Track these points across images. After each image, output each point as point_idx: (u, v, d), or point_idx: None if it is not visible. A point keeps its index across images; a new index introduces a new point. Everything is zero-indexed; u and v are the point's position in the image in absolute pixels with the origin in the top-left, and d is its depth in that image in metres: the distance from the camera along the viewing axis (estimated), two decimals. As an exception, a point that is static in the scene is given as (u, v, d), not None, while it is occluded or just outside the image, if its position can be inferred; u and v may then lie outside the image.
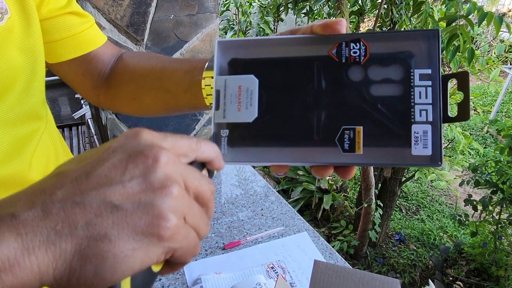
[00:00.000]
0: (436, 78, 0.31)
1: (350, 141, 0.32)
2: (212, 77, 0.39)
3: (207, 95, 0.42)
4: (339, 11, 1.61)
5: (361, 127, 0.32)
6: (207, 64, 0.42)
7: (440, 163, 0.30)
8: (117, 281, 0.20)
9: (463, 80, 0.31)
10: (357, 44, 0.32)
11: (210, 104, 0.39)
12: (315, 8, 2.04)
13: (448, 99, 0.31)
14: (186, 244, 0.22)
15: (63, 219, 0.19)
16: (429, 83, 0.31)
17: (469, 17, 1.38)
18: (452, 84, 2.21)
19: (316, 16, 2.13)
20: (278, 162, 0.33)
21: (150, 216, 0.20)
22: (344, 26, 0.33)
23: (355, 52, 0.32)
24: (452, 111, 0.29)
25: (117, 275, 0.19)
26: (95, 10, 0.85)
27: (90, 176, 0.21)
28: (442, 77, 0.31)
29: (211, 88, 0.40)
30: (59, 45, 0.49)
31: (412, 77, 0.32)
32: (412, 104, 0.31)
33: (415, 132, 0.31)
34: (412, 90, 0.31)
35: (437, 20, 1.83)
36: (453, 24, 1.36)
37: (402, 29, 2.11)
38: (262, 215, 1.05)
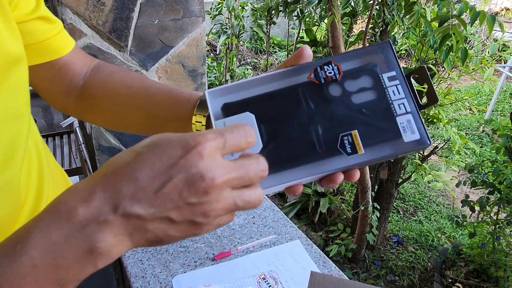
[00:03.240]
0: (400, 77, 0.37)
1: (351, 145, 0.36)
2: (204, 115, 0.44)
3: (197, 130, 0.45)
4: (330, 13, 1.59)
5: (356, 130, 0.36)
6: (198, 101, 0.45)
7: (429, 142, 0.36)
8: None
9: (422, 74, 0.38)
10: (330, 65, 0.38)
11: None
12: (306, 10, 2.02)
13: (415, 91, 0.37)
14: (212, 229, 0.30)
15: (140, 225, 0.27)
16: (397, 81, 0.37)
17: (462, 16, 1.37)
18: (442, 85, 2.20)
19: (307, 19, 2.12)
20: (293, 182, 0.36)
21: (193, 229, 0.29)
22: (309, 49, 0.38)
23: (330, 72, 0.37)
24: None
25: (165, 243, 0.30)
26: (75, 16, 0.82)
27: (157, 195, 0.27)
28: (405, 75, 0.38)
29: (202, 125, 0.45)
30: (26, 51, 0.46)
31: (382, 80, 0.38)
32: (390, 101, 0.37)
33: (400, 123, 0.36)
34: (386, 90, 0.37)
35: (429, 20, 1.82)
36: (446, 24, 1.35)
37: (395, 30, 2.10)
38: (253, 223, 1.02)
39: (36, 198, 0.48)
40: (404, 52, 5.87)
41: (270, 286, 0.82)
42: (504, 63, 4.65)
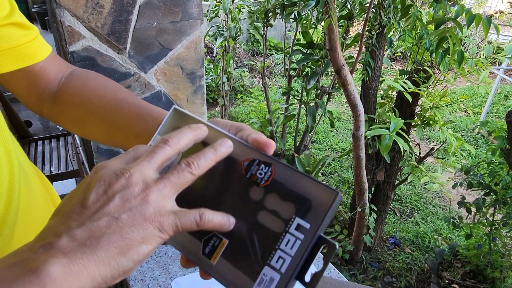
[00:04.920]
0: (310, 235, 0.30)
1: (212, 248, 0.33)
2: None
3: None
4: (327, 15, 1.60)
5: (227, 241, 0.33)
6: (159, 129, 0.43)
7: None
8: (143, 260, 0.29)
9: (330, 249, 0.31)
10: (266, 167, 0.34)
11: None
12: (303, 13, 2.03)
13: (310, 263, 0.31)
14: (172, 219, 0.30)
15: (87, 238, 0.27)
16: (301, 236, 0.31)
17: (458, 19, 1.38)
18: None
19: (304, 21, 2.12)
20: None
21: (139, 217, 0.28)
22: (273, 149, 0.35)
23: (260, 174, 0.34)
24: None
25: (141, 256, 0.28)
26: (74, 19, 0.82)
27: (86, 206, 0.28)
28: (317, 239, 0.31)
29: None
30: None
31: (290, 222, 0.31)
32: (276, 248, 0.31)
33: (264, 274, 0.31)
34: (283, 234, 0.31)
35: (425, 23, 1.83)
36: (442, 26, 1.36)
37: (391, 33, 2.11)
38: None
39: (5, 209, 0.45)
40: (400, 54, 5.92)
41: None
42: (499, 65, 4.69)
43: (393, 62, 6.09)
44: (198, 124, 0.35)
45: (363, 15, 2.18)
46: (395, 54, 5.85)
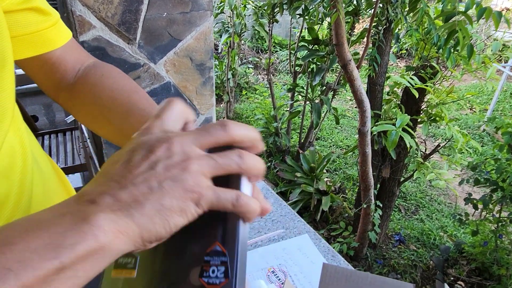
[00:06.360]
0: None
1: (122, 263, 0.32)
2: None
3: None
4: (335, 9, 1.59)
5: (135, 275, 0.31)
6: None
7: None
8: (173, 230, 0.28)
9: None
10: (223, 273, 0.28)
11: None
12: (311, 7, 2.02)
13: None
14: (211, 194, 0.29)
15: (132, 201, 0.27)
16: None
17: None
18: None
19: (311, 16, 2.11)
20: None
21: (179, 187, 0.28)
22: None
23: (213, 271, 0.29)
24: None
25: (175, 228, 0.28)
26: (84, 8, 0.82)
27: (129, 170, 0.28)
28: None
29: None
30: (15, 42, 0.45)
31: None
32: None
33: None
34: None
35: (433, 18, 1.82)
36: (451, 20, 1.35)
37: (398, 28, 2.09)
38: (261, 218, 1.02)
39: (16, 201, 0.44)
40: (405, 51, 5.89)
41: (279, 279, 0.82)
42: (505, 62, 4.66)
43: (398, 60, 6.07)
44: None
45: (369, 11, 2.17)
46: (401, 51, 5.83)
